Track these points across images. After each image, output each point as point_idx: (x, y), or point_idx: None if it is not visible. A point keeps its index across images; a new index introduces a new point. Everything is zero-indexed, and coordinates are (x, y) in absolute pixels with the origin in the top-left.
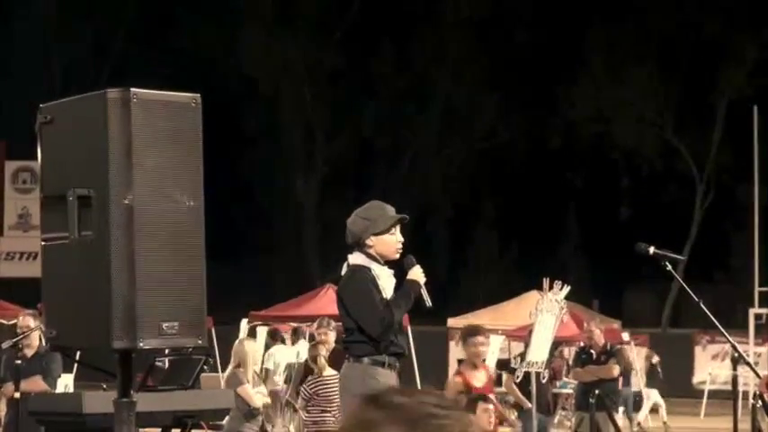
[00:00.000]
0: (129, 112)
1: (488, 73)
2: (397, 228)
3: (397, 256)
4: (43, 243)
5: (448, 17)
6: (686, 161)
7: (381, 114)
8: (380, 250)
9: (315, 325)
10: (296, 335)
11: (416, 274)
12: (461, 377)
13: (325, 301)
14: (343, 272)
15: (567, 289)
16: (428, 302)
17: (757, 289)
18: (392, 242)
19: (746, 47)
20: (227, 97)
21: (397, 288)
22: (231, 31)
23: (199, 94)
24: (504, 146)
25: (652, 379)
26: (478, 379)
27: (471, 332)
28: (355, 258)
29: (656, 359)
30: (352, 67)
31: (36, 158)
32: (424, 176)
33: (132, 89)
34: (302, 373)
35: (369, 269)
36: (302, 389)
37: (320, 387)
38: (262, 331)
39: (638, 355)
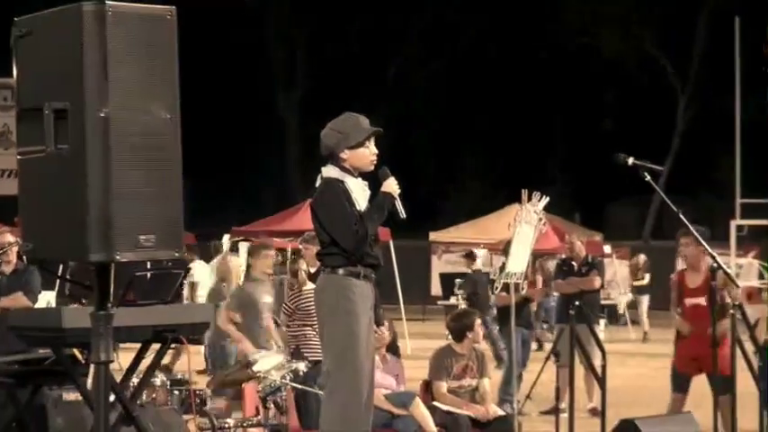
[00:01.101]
0: (105, 25)
1: None
2: (372, 140)
3: (371, 168)
4: (19, 157)
5: None
6: (668, 74)
7: (367, 27)
8: (354, 163)
9: (299, 239)
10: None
11: (390, 185)
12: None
13: (308, 216)
14: (318, 185)
15: (545, 200)
16: (402, 214)
17: (738, 201)
18: (366, 155)
19: None
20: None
21: (371, 199)
22: None
23: (174, 6)
24: (491, 60)
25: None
26: None
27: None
28: (329, 171)
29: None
30: None
31: (13, 75)
32: (409, 90)
33: (107, 1)
34: (285, 288)
35: (342, 182)
36: (285, 303)
37: (301, 301)
38: (244, 247)
39: (619, 268)
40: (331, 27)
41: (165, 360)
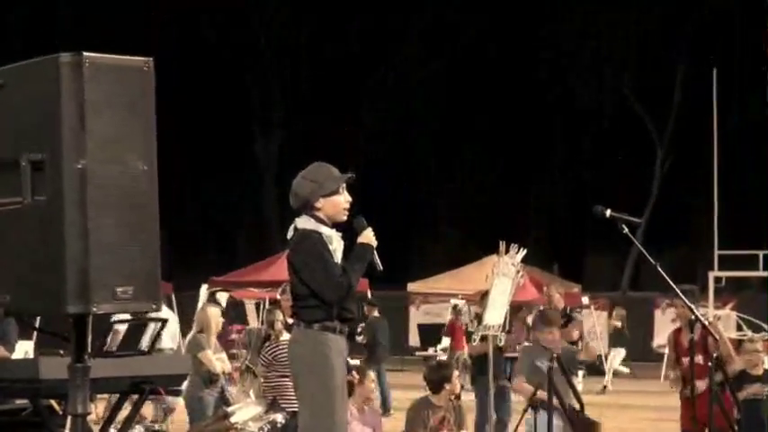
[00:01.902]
0: (82, 77)
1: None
2: (344, 188)
3: (345, 217)
4: None
5: None
6: (646, 124)
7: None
8: (329, 211)
9: (279, 290)
10: None
11: (368, 237)
12: None
13: (285, 266)
14: (290, 235)
15: (523, 252)
16: (379, 266)
17: (717, 252)
18: (340, 202)
19: (706, 9)
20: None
21: (346, 250)
22: None
23: (151, 58)
24: (466, 110)
25: (619, 338)
26: None
27: None
28: (304, 222)
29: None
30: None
31: None
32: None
33: (84, 53)
34: (262, 339)
35: (320, 233)
36: (262, 354)
37: (278, 352)
38: (222, 297)
39: (598, 319)
40: (307, 74)
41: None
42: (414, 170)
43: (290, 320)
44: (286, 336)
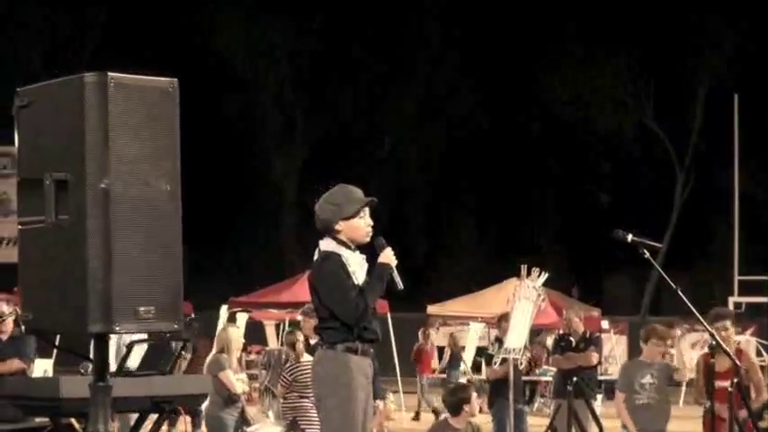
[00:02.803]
0: (107, 97)
1: (467, 59)
2: (366, 211)
3: (368, 239)
4: (20, 227)
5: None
6: (666, 147)
7: (360, 99)
8: (350, 235)
9: (300, 311)
10: None
11: (387, 256)
12: None
13: (305, 287)
14: (315, 258)
15: (544, 276)
16: (399, 285)
17: (737, 277)
18: (361, 226)
19: (727, 33)
20: (205, 82)
21: (369, 272)
22: (211, 14)
23: (176, 79)
24: (483, 131)
25: None
26: None
27: None
28: (326, 245)
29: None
30: (332, 51)
31: (14, 143)
32: (402, 161)
33: (110, 73)
34: (282, 360)
35: (339, 255)
36: (282, 375)
37: (298, 373)
38: (242, 317)
39: (617, 343)
40: (328, 94)
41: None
42: (436, 193)
43: (312, 341)
44: (307, 357)
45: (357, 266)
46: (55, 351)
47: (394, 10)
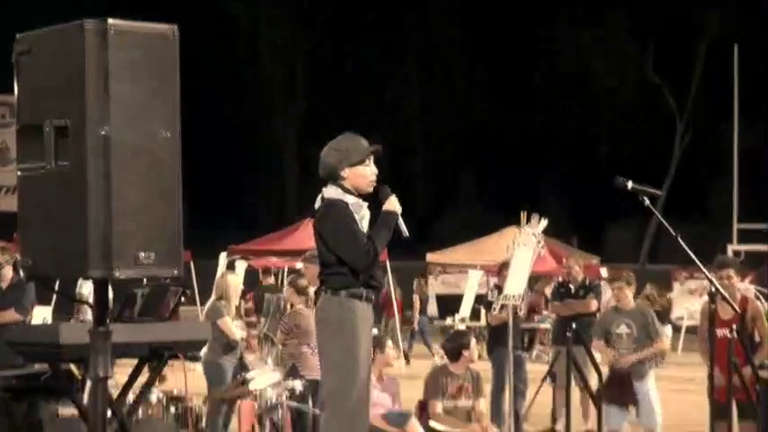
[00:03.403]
0: (107, 43)
1: (470, 11)
2: (371, 159)
3: (372, 188)
4: (19, 173)
5: None
6: (666, 99)
7: (362, 51)
8: (355, 182)
9: (301, 258)
10: None
11: (392, 203)
12: None
13: (305, 235)
14: (318, 206)
15: (544, 222)
16: (405, 232)
17: (736, 226)
18: (366, 174)
19: None
20: (208, 34)
21: (372, 220)
22: None
23: (176, 25)
24: (485, 83)
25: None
26: None
27: None
28: (330, 192)
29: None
30: (337, 7)
31: (13, 92)
32: (405, 111)
33: (109, 20)
34: (282, 306)
35: (345, 202)
36: (282, 321)
37: (300, 319)
38: (241, 265)
39: None
40: (331, 45)
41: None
42: (435, 144)
43: (312, 288)
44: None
45: (363, 214)
46: (54, 298)
47: None
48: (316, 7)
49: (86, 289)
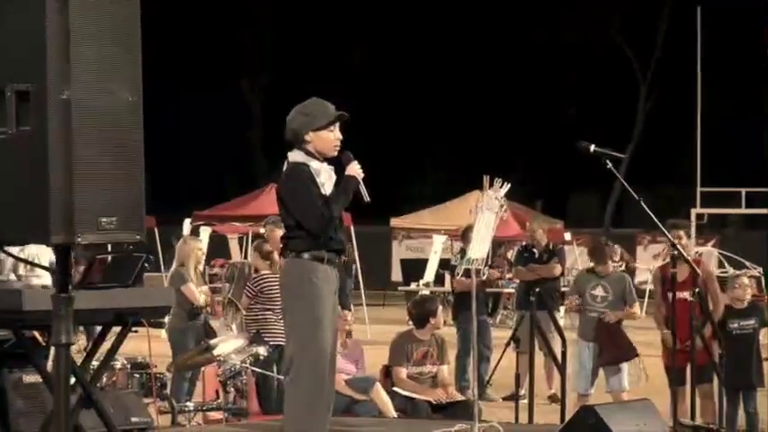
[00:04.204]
0: (67, 7)
1: None
2: (337, 125)
3: (335, 153)
4: None
5: None
6: (631, 62)
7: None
8: (319, 146)
9: (263, 223)
10: None
11: (354, 169)
12: None
13: (269, 200)
14: (284, 169)
15: (507, 186)
16: (366, 198)
17: (699, 189)
18: (330, 139)
19: None
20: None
21: (337, 185)
22: None
23: None
24: (449, 46)
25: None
26: None
27: None
28: (294, 156)
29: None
30: None
31: None
32: (371, 76)
33: None
34: (246, 272)
35: (307, 165)
36: (248, 286)
37: (265, 284)
38: (205, 231)
39: (580, 255)
40: (298, 9)
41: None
42: (399, 108)
43: (275, 254)
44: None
45: (326, 178)
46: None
47: None
48: None
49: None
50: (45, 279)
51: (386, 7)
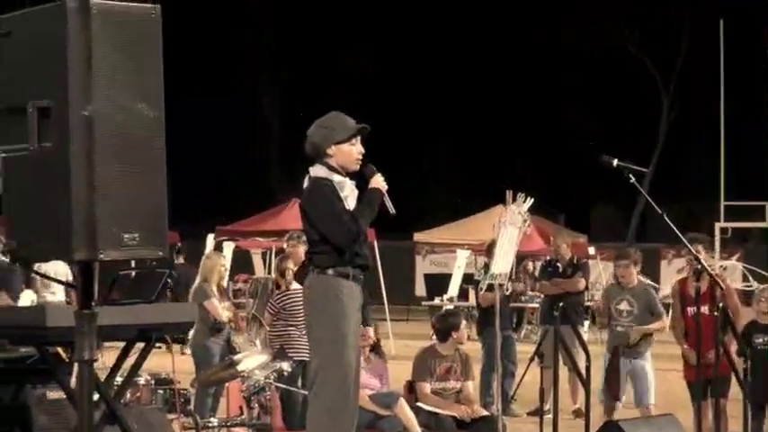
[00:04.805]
0: (89, 23)
1: None
2: (358, 139)
3: (357, 167)
4: (3, 155)
5: None
6: (652, 75)
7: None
8: (340, 160)
9: (285, 238)
10: None
11: (378, 182)
12: None
13: (292, 215)
14: (305, 185)
15: (530, 201)
16: (391, 210)
17: (723, 203)
18: (352, 152)
19: None
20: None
21: (359, 199)
22: None
23: (158, 5)
24: (467, 57)
25: None
26: None
27: None
28: (316, 171)
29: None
30: None
31: None
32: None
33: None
34: (270, 288)
35: (330, 180)
36: (270, 303)
37: (287, 301)
38: (228, 246)
39: (603, 270)
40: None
41: None
42: (419, 120)
43: (294, 268)
44: (295, 285)
45: (348, 192)
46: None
47: None
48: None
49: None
50: (59, 296)
51: (405, 17)
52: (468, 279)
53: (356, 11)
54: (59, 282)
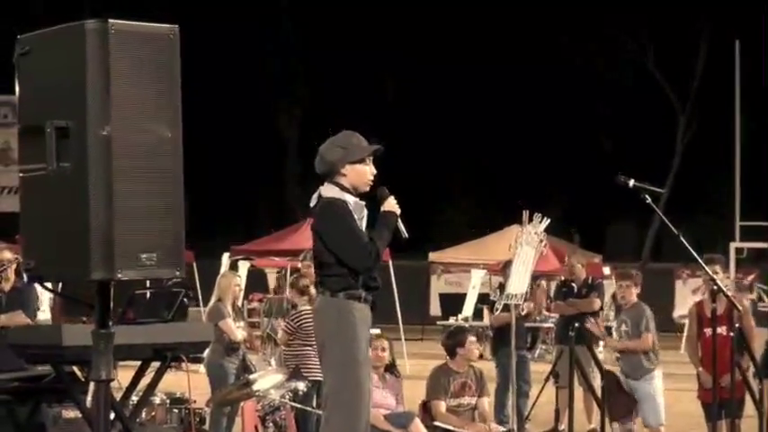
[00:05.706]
0: (107, 44)
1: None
2: (371, 159)
3: (368, 188)
4: (21, 174)
5: None
6: (668, 94)
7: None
8: (353, 180)
9: (300, 257)
10: None
11: (391, 204)
12: None
13: (307, 234)
14: (313, 203)
15: (546, 221)
16: (404, 234)
17: (738, 223)
18: (366, 172)
19: None
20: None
21: (370, 220)
22: None
23: (176, 26)
24: (483, 76)
25: None
26: None
27: None
28: (328, 190)
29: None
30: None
31: (15, 93)
32: (403, 108)
33: (110, 20)
34: (285, 307)
35: (344, 201)
36: (285, 322)
37: (303, 320)
38: (243, 266)
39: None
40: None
41: None
42: (435, 140)
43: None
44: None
45: (361, 214)
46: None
47: None
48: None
49: None
50: (47, 314)
51: (417, 36)
52: (483, 299)
53: (376, 30)
54: (85, 303)
